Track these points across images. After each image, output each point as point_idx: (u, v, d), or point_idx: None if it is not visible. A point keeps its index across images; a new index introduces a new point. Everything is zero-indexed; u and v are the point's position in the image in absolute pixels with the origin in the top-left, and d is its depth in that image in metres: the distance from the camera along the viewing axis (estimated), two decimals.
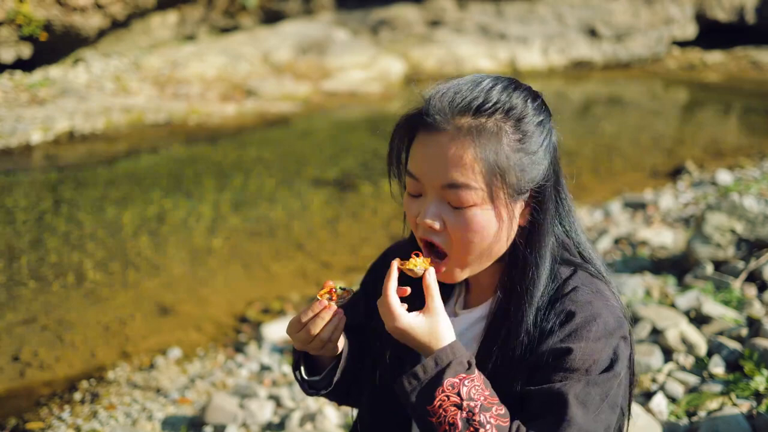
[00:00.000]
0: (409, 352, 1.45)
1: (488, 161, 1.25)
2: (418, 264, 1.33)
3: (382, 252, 1.73)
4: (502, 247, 1.35)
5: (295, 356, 1.56)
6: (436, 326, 1.29)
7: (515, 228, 1.34)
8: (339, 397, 1.65)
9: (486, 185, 1.26)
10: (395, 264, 1.33)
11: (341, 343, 1.50)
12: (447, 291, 1.50)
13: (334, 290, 1.43)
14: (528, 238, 1.35)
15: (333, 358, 1.54)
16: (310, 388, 1.55)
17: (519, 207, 1.33)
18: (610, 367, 1.28)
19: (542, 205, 1.33)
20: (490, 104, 1.28)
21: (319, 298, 1.42)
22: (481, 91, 1.29)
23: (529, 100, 1.32)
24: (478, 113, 1.27)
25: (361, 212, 7.37)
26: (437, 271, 1.35)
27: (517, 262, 1.36)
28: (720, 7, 18.11)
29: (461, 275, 1.37)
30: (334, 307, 1.40)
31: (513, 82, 1.34)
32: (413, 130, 1.34)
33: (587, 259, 1.43)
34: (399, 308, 1.29)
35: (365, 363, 1.57)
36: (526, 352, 1.33)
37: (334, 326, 1.40)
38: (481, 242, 1.31)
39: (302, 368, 1.55)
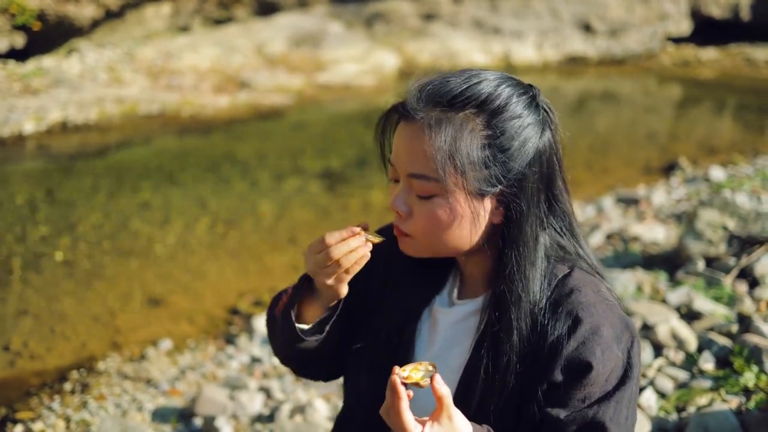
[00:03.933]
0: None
1: (449, 155, 1.24)
2: (420, 370, 1.23)
3: None
4: (464, 242, 1.33)
5: (288, 303, 1.43)
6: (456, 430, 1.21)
7: (483, 225, 1.32)
8: (319, 358, 1.51)
9: (444, 178, 1.25)
10: (398, 379, 1.19)
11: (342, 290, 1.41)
12: (442, 279, 1.48)
13: (366, 227, 1.36)
14: (505, 237, 1.33)
15: (324, 310, 1.44)
16: (296, 335, 1.42)
17: (488, 204, 1.31)
18: (627, 374, 1.28)
19: (519, 205, 1.30)
20: (464, 97, 1.26)
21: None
22: (462, 84, 1.27)
23: (514, 97, 1.28)
24: (450, 105, 1.26)
25: (354, 205, 7.36)
26: (400, 240, 1.36)
27: (500, 260, 1.34)
28: (715, 4, 18.15)
29: (419, 254, 1.37)
30: (363, 237, 1.33)
31: (510, 80, 1.31)
32: (397, 118, 1.35)
33: (582, 255, 1.40)
34: (414, 428, 1.19)
35: (345, 348, 1.53)
36: (523, 356, 1.30)
37: (358, 257, 1.33)
38: (440, 232, 1.31)
39: (292, 314, 1.41)
